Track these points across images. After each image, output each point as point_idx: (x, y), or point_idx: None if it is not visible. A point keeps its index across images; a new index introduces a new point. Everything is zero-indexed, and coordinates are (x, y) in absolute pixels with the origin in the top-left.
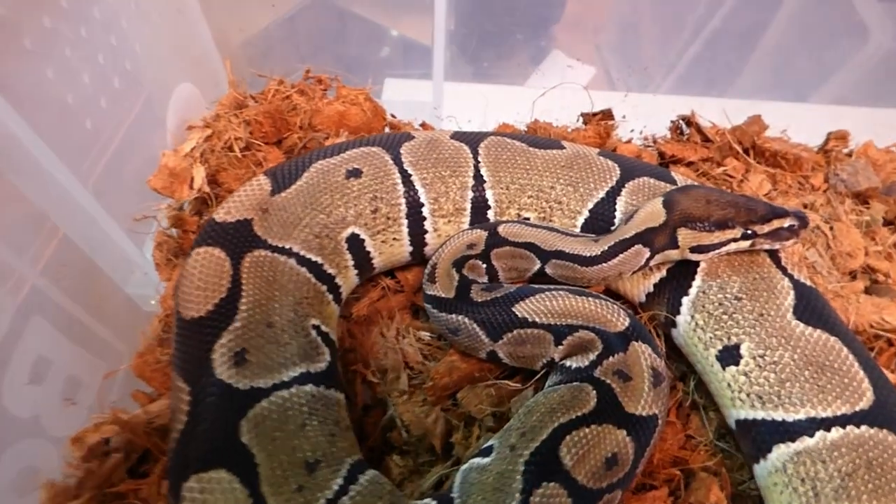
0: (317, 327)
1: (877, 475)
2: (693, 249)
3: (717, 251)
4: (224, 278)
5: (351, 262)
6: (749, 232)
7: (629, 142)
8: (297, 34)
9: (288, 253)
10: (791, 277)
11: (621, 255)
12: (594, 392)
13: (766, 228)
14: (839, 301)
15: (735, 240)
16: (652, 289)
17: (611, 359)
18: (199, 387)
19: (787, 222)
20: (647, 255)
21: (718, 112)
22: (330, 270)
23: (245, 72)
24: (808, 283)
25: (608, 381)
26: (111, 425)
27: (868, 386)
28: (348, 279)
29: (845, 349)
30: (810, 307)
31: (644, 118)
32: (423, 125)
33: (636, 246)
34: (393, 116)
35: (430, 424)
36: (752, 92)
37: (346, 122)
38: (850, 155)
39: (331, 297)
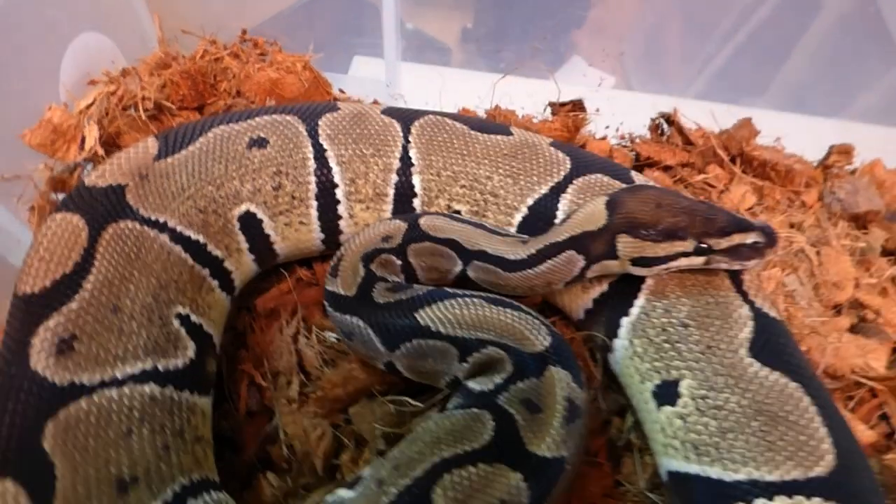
0: (184, 317)
1: None
2: (635, 262)
3: (663, 266)
4: (75, 251)
5: (245, 245)
6: (703, 246)
7: (604, 139)
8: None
9: (161, 227)
10: (752, 305)
11: (550, 262)
12: (492, 423)
13: (725, 244)
14: (815, 339)
15: (686, 254)
16: (591, 305)
17: (520, 384)
18: (7, 375)
19: (750, 238)
20: (582, 264)
21: (707, 115)
22: (216, 252)
23: (183, 35)
24: (774, 314)
25: (511, 411)
26: None
27: (829, 447)
28: (243, 265)
29: (807, 399)
30: (771, 344)
31: (621, 115)
32: (375, 103)
33: (569, 252)
34: (341, 91)
35: (315, 441)
36: (775, 104)
37: (279, 90)
38: (853, 173)
39: (215, 283)
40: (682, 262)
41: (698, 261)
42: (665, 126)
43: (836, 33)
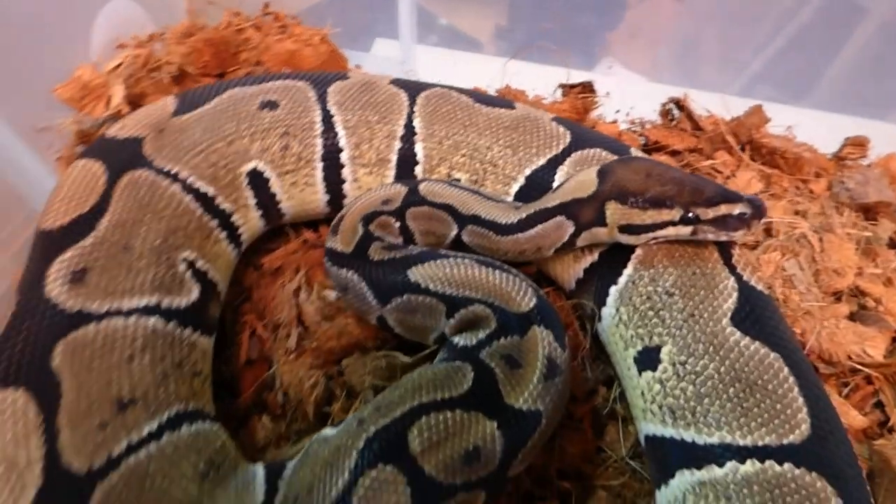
0: (190, 262)
1: None
2: (623, 229)
3: (651, 234)
4: (93, 194)
5: (252, 201)
6: (690, 216)
7: (614, 122)
8: None
9: (173, 177)
10: (739, 278)
11: (540, 227)
12: (472, 374)
13: (712, 213)
14: (810, 322)
15: (673, 223)
16: (582, 274)
17: (502, 340)
18: (25, 299)
19: (737, 209)
20: (571, 230)
21: (719, 105)
22: (225, 205)
23: (210, 7)
24: (761, 288)
25: (492, 365)
26: None
27: (806, 417)
28: (250, 220)
29: (786, 369)
30: (754, 315)
31: (633, 102)
32: None
33: (558, 217)
34: (358, 67)
35: (308, 389)
36: (790, 98)
37: (297, 62)
38: (868, 167)
39: (223, 234)
40: (670, 232)
41: (685, 230)
42: (675, 112)
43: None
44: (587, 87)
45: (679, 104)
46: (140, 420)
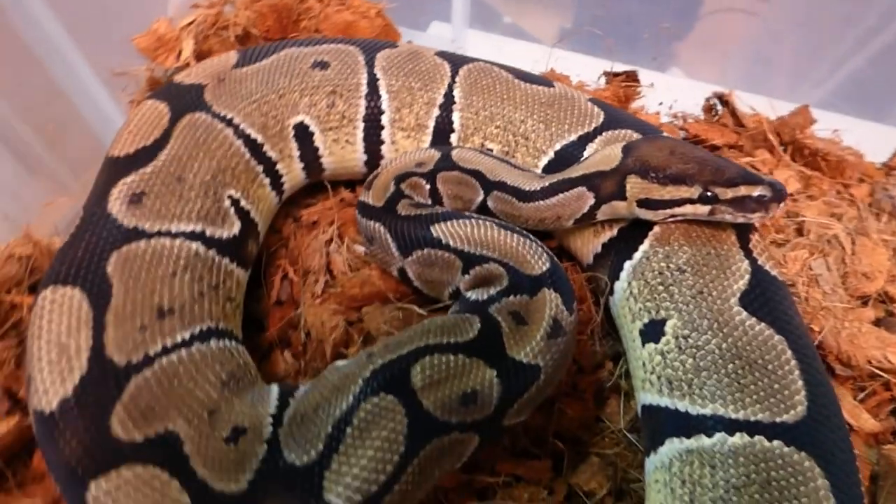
0: (234, 200)
1: (771, 498)
2: (641, 203)
3: (669, 211)
4: (157, 130)
5: (296, 153)
6: (709, 194)
7: (656, 114)
8: None
9: (227, 122)
10: (754, 262)
11: (561, 196)
12: (479, 325)
13: (731, 194)
14: (830, 321)
15: (691, 201)
16: (600, 249)
17: (511, 298)
18: (88, 214)
19: (756, 191)
20: (591, 201)
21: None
22: (271, 153)
23: None
24: (775, 273)
25: (499, 319)
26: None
27: (803, 399)
28: (293, 171)
29: (789, 352)
30: (763, 298)
31: (677, 93)
32: None
33: (580, 188)
34: (410, 42)
35: (329, 330)
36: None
37: (352, 32)
38: None
39: (267, 181)
40: (687, 210)
41: (703, 210)
42: (719, 107)
43: None
44: (631, 76)
45: (723, 99)
46: (175, 328)
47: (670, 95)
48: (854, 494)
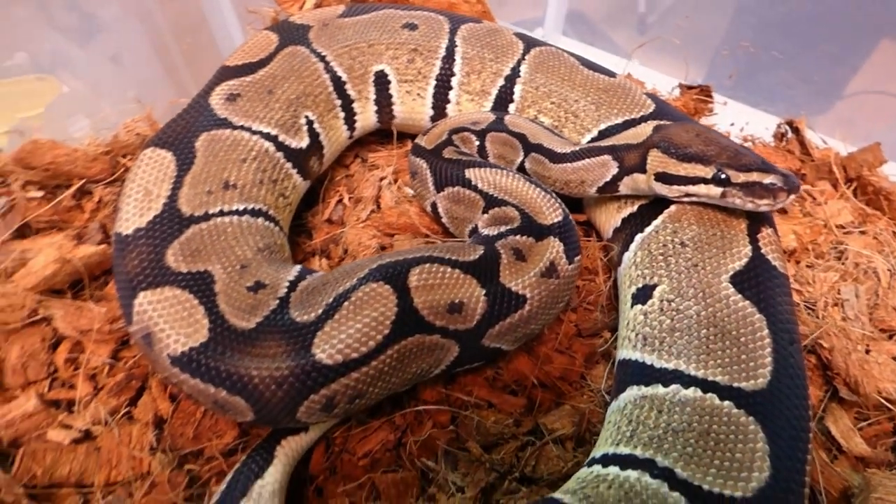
0: (310, 120)
1: (706, 446)
2: (658, 177)
3: (684, 188)
4: (263, 52)
5: (373, 96)
6: (722, 176)
7: (727, 134)
8: None
9: (321, 58)
10: (756, 249)
11: (587, 160)
12: (482, 252)
13: (742, 178)
14: (842, 342)
15: (705, 181)
16: (619, 223)
17: (518, 237)
18: (194, 102)
19: (768, 179)
20: (615, 171)
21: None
22: (350, 92)
23: None
24: (777, 265)
25: (501, 252)
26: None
27: (766, 373)
28: (366, 113)
29: (766, 330)
30: (755, 280)
31: (750, 116)
32: None
33: (605, 156)
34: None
35: (363, 248)
36: None
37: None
38: None
39: (342, 115)
40: (701, 189)
41: (715, 191)
42: (789, 133)
43: None
44: (704, 91)
45: (793, 126)
46: (234, 199)
47: (743, 118)
48: (795, 469)
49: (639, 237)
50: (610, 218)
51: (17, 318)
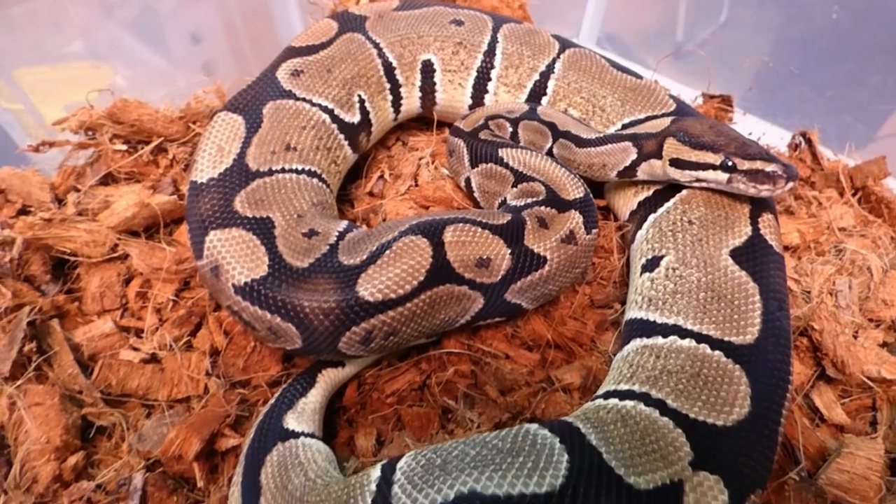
0: (362, 99)
1: (695, 385)
2: (672, 162)
3: (695, 173)
4: (325, 36)
5: (418, 83)
6: (730, 163)
7: None
8: None
9: (375, 45)
10: (756, 230)
11: (610, 146)
12: (509, 218)
13: (747, 165)
14: (832, 325)
15: (714, 167)
16: (635, 206)
17: (542, 208)
18: (262, 75)
19: (770, 167)
20: (633, 156)
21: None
22: (399, 77)
23: None
24: (775, 246)
25: (526, 219)
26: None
27: (755, 332)
28: (411, 98)
29: (758, 297)
30: (753, 256)
31: (766, 126)
32: None
33: (626, 143)
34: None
35: (400, 218)
36: None
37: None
38: None
39: (390, 98)
40: (710, 175)
41: (722, 177)
42: (803, 143)
43: None
44: (726, 101)
45: (806, 137)
46: (293, 159)
47: (760, 128)
48: (772, 410)
49: (652, 217)
50: (627, 201)
51: (100, 252)
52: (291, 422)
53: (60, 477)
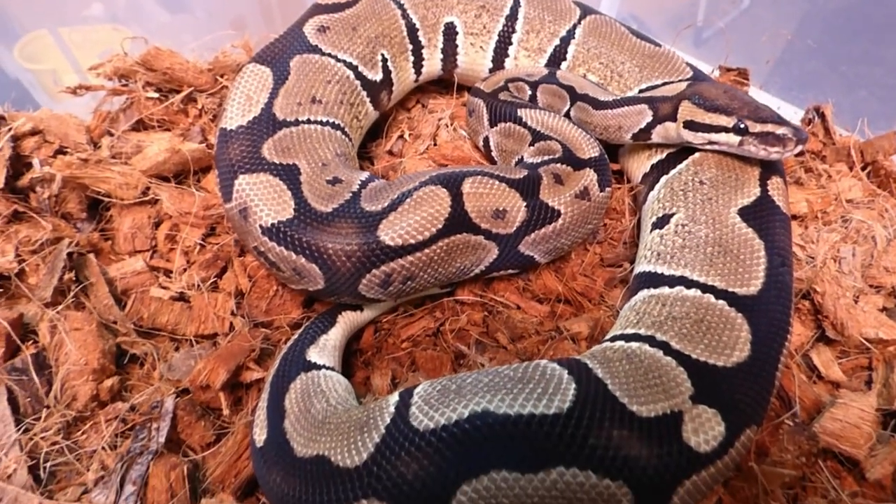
0: (384, 58)
1: (698, 330)
2: (686, 124)
3: (708, 136)
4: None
5: (440, 45)
6: (742, 126)
7: None
8: None
9: (400, 6)
10: (765, 192)
11: (626, 108)
12: (525, 174)
13: (759, 128)
14: (834, 288)
15: (727, 129)
16: (648, 169)
17: (558, 165)
18: (289, 30)
19: (780, 130)
20: (649, 118)
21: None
22: (421, 38)
23: None
24: (781, 206)
25: (542, 175)
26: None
27: (759, 285)
28: (432, 60)
29: (763, 252)
30: (760, 215)
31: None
32: None
33: (642, 105)
34: None
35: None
36: None
37: None
38: None
39: (412, 59)
40: (722, 137)
41: (734, 140)
42: (816, 118)
43: None
44: (742, 74)
45: (819, 111)
46: (318, 111)
47: (775, 102)
48: (771, 356)
49: (664, 178)
50: (641, 164)
51: (132, 195)
52: (313, 355)
53: (97, 397)
